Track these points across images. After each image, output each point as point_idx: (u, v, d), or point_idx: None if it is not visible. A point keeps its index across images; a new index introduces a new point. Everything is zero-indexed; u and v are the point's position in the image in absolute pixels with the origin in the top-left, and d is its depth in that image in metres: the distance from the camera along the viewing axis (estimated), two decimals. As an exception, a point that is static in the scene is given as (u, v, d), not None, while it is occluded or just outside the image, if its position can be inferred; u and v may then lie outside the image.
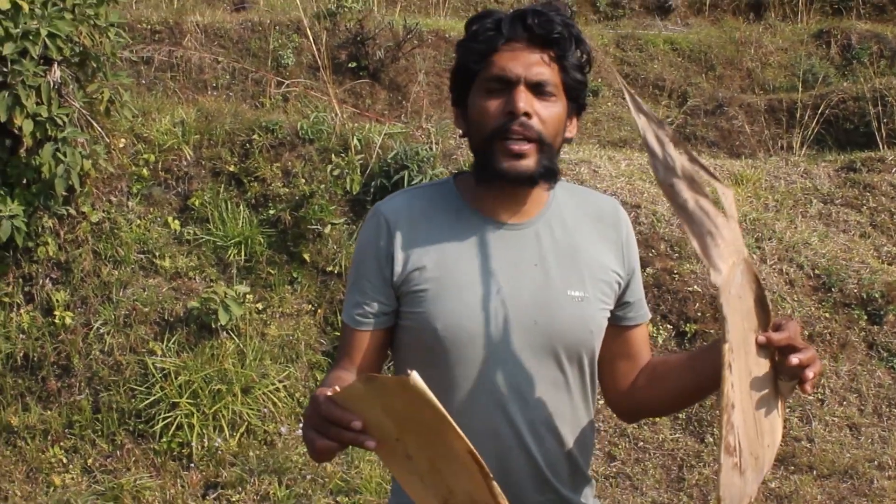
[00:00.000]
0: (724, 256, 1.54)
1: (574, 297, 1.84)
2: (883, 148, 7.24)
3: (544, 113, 1.77)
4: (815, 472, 4.78)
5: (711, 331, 5.24)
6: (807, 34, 10.43)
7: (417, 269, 1.81)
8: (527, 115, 1.75)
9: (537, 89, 1.77)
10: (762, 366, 1.64)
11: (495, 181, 1.79)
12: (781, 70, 9.90)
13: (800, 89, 8.70)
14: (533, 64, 1.76)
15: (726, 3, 11.58)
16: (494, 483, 1.40)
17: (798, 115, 8.04)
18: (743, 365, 1.60)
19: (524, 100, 1.74)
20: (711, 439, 4.94)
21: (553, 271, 1.84)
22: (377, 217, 1.88)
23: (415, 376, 1.33)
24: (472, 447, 1.38)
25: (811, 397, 5.17)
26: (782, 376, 1.64)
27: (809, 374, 1.60)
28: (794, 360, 1.59)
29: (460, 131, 1.90)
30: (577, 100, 1.85)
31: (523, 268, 1.83)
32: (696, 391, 1.88)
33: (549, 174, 1.80)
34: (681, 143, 1.55)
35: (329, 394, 1.45)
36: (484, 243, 1.83)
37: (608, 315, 1.92)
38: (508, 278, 1.82)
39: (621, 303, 1.95)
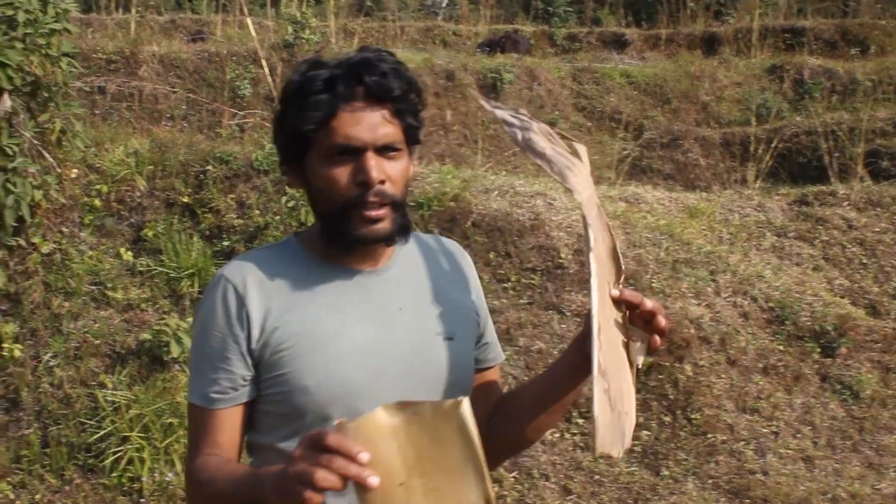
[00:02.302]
0: (582, 185, 1.67)
1: (446, 339, 1.79)
2: (834, 182, 7.33)
3: (394, 172, 1.71)
4: (769, 505, 4.79)
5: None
6: (760, 69, 10.60)
7: (277, 328, 1.70)
8: (381, 181, 1.68)
9: (384, 150, 1.70)
10: (618, 322, 1.64)
11: (352, 246, 1.73)
12: (735, 104, 10.04)
13: (754, 123, 8.82)
14: (377, 126, 1.69)
15: (681, 37, 11.76)
16: None
17: (752, 149, 8.13)
18: (607, 302, 1.61)
19: (375, 168, 1.67)
20: (667, 472, 4.94)
21: (420, 314, 1.79)
22: (223, 283, 1.74)
23: (466, 402, 1.29)
24: (491, 495, 1.32)
25: (766, 430, 5.19)
26: (634, 337, 1.66)
27: (662, 321, 1.63)
28: (649, 304, 1.62)
29: (297, 190, 1.79)
30: (415, 142, 1.80)
31: (390, 313, 1.76)
32: (558, 407, 1.81)
33: (403, 231, 1.75)
34: (536, 118, 1.75)
35: (338, 422, 1.36)
36: (342, 292, 1.75)
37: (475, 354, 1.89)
38: (377, 325, 1.74)
39: (481, 344, 1.91)
